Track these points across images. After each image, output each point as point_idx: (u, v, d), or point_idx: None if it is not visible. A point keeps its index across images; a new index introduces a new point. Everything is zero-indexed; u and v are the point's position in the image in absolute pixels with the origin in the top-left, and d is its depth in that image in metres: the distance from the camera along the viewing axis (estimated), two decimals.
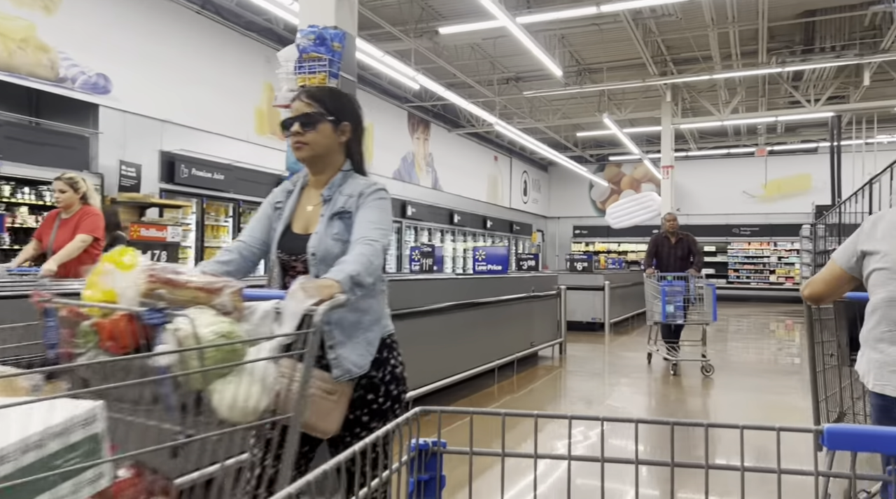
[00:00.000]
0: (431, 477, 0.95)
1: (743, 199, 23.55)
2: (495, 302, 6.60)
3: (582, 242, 25.44)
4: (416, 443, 0.94)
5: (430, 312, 5.34)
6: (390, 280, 5.17)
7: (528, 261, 12.95)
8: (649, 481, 3.86)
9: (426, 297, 5.40)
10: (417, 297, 5.26)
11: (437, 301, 5.50)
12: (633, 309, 13.46)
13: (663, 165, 15.81)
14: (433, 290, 5.57)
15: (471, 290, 6.18)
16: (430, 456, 0.95)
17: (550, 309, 8.40)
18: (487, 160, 20.67)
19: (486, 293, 6.45)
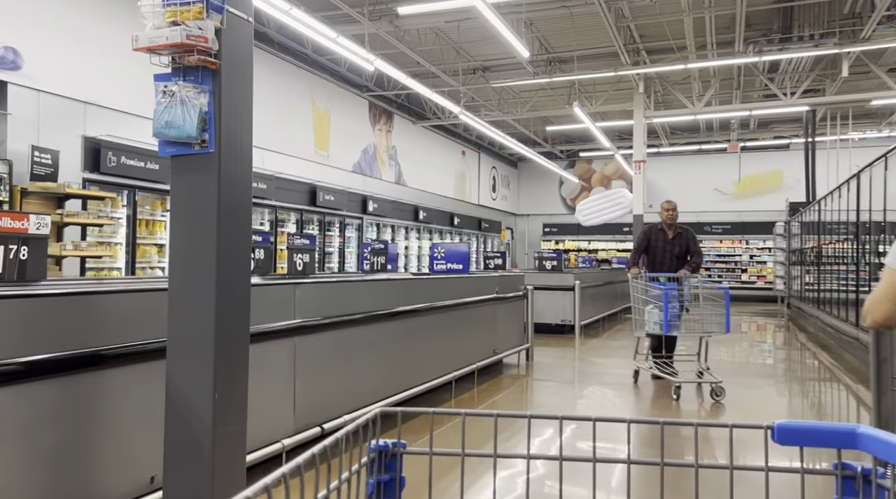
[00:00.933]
0: (392, 478, 0.96)
1: (715, 196, 23.17)
2: (454, 306, 5.83)
3: (552, 240, 24.85)
4: (376, 444, 0.94)
5: (377, 318, 4.55)
6: (329, 281, 4.37)
7: (495, 259, 12.23)
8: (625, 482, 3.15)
9: (374, 300, 4.61)
10: (363, 300, 4.47)
11: (386, 305, 4.72)
12: (603, 310, 12.81)
13: (635, 159, 15.22)
14: (383, 292, 4.78)
15: (427, 292, 5.40)
16: (391, 457, 0.96)
17: (517, 312, 7.67)
18: (455, 155, 19.92)
19: (443, 295, 5.68)
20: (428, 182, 18.01)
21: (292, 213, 12.20)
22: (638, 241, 7.01)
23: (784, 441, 0.83)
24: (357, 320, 4.30)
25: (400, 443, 0.95)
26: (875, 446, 0.80)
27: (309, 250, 5.53)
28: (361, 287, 4.58)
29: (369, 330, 4.48)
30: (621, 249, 23.93)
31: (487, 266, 12.29)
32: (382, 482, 0.95)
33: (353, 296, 4.38)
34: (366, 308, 4.45)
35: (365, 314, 4.41)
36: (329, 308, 4.05)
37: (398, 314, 4.84)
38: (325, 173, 13.21)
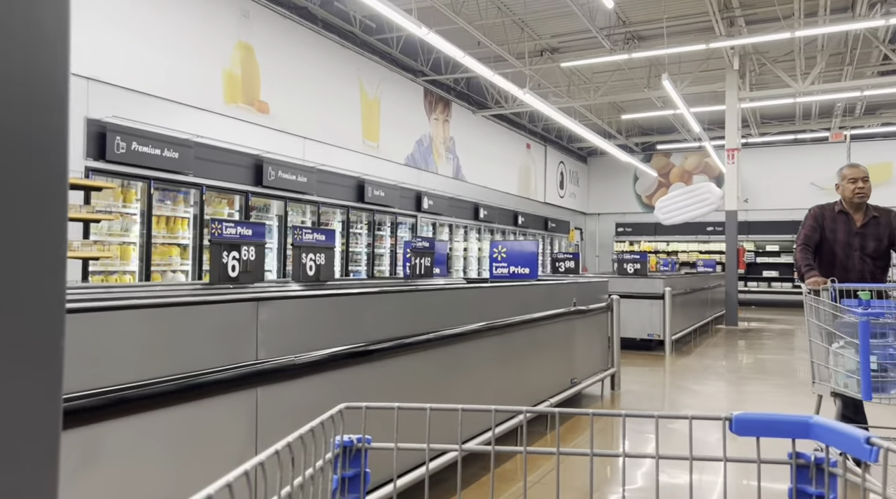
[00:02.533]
0: (356, 474, 0.96)
1: (811, 191, 20.71)
2: (518, 324, 4.31)
3: (625, 240, 22.89)
4: (340, 440, 0.95)
5: (402, 350, 3.09)
6: (336, 293, 2.83)
7: (567, 262, 10.60)
8: None
9: (409, 320, 3.16)
10: (382, 322, 3.01)
11: (420, 328, 3.26)
12: (694, 321, 10.97)
13: (728, 148, 13.28)
14: (416, 309, 3.32)
15: (480, 306, 3.91)
16: (355, 453, 0.96)
17: (599, 328, 6.07)
18: (519, 148, 18.32)
19: (503, 310, 4.17)
20: (489, 177, 16.49)
21: (338, 210, 10.93)
22: (805, 230, 4.31)
23: (741, 432, 0.86)
24: (369, 353, 2.84)
25: (364, 438, 0.96)
26: (827, 435, 0.83)
27: (324, 249, 4.13)
28: (392, 301, 3.12)
29: (388, 367, 3.02)
30: (704, 251, 21.77)
31: (557, 269, 10.68)
32: (347, 478, 0.96)
33: (365, 316, 2.93)
34: (386, 333, 2.99)
35: (384, 343, 2.95)
36: (320, 338, 2.60)
37: (436, 341, 3.36)
38: (374, 166, 11.89)
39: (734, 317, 13.18)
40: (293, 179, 9.65)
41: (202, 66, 8.46)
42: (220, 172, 8.56)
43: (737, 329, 12.77)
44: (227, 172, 8.66)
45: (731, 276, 13.31)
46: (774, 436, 0.86)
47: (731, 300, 13.22)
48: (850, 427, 0.80)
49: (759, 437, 0.87)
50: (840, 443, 0.80)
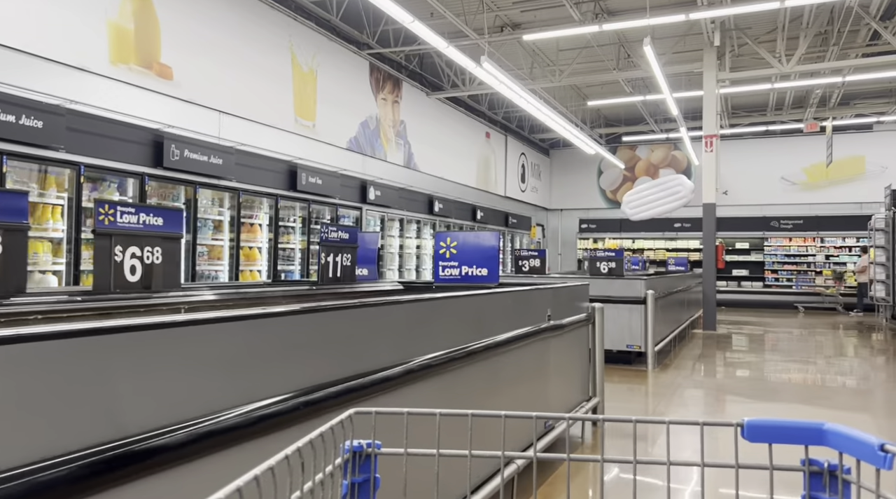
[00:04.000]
0: (366, 479, 0.95)
1: (782, 186, 19.85)
2: (471, 354, 2.82)
3: (589, 237, 21.71)
4: (350, 445, 0.93)
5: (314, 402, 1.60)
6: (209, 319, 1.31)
7: (532, 260, 9.21)
8: None
9: (305, 360, 1.67)
10: (299, 359, 1.52)
11: (333, 370, 1.77)
12: (672, 326, 9.68)
13: (706, 134, 12.07)
14: (326, 332, 1.81)
15: (413, 330, 2.41)
16: (365, 458, 0.95)
17: (578, 346, 4.64)
18: (478, 137, 16.90)
19: (450, 334, 2.68)
20: (446, 168, 15.01)
21: (264, 199, 9.31)
22: None
23: (753, 438, 0.85)
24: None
25: (374, 443, 0.95)
26: (841, 442, 0.82)
27: (158, 240, 2.63)
28: (283, 324, 1.62)
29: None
30: (671, 249, 20.71)
31: (520, 269, 9.27)
32: (357, 483, 0.95)
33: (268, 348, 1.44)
34: (297, 381, 1.48)
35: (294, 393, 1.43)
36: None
37: (326, 400, 1.85)
38: (310, 149, 10.29)
39: (713, 321, 11.99)
40: (205, 159, 8.00)
41: (79, 16, 6.75)
42: (106, 149, 6.87)
43: (716, 334, 11.58)
44: (115, 149, 6.97)
45: (708, 275, 12.11)
46: (787, 442, 0.85)
47: (709, 303, 12.02)
48: (863, 434, 0.78)
49: (771, 443, 0.86)
50: (854, 450, 0.79)
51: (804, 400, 6.14)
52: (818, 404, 5.98)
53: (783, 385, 6.81)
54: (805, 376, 7.39)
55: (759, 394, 6.37)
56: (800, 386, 6.80)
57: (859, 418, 5.50)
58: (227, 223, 8.70)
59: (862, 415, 5.63)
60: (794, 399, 6.15)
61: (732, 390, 6.57)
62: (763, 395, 6.33)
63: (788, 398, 6.18)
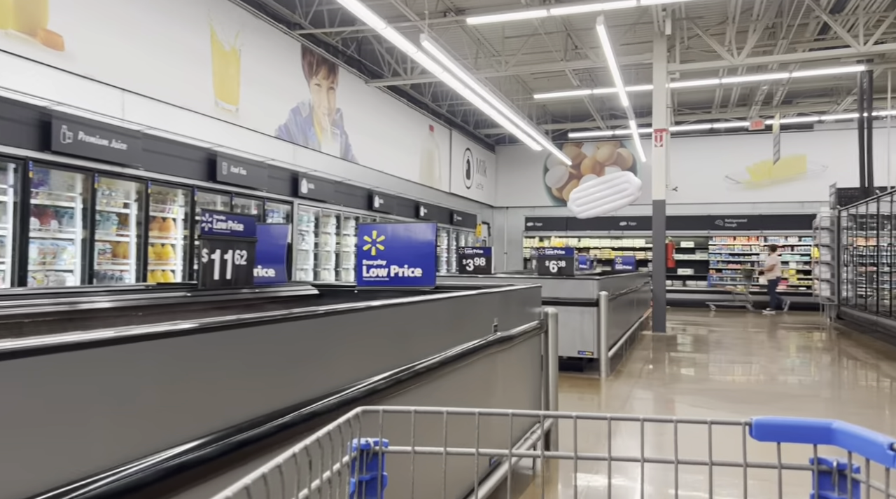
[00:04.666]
0: (373, 477, 0.95)
1: (727, 185, 19.80)
2: (401, 380, 2.07)
3: (535, 236, 21.24)
4: (357, 443, 0.94)
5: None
6: None
7: (477, 259, 8.52)
8: None
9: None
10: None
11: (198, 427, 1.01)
12: (623, 328, 9.14)
13: (656, 128, 11.64)
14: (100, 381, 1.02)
15: (302, 359, 1.64)
16: (372, 456, 0.95)
17: (528, 360, 3.95)
18: (421, 130, 16.15)
19: (366, 357, 1.92)
20: (386, 161, 14.21)
21: (179, 191, 8.32)
22: None
23: (762, 437, 0.85)
24: None
25: (381, 442, 0.95)
26: (849, 441, 0.81)
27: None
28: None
29: None
30: (617, 247, 20.41)
31: (464, 269, 8.57)
32: (364, 481, 0.95)
33: None
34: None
35: None
36: None
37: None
38: (233, 136, 9.34)
39: (662, 322, 11.56)
40: (105, 144, 6.99)
41: None
42: None
43: (665, 336, 11.15)
44: None
45: (658, 275, 11.69)
46: (795, 441, 0.84)
47: (659, 303, 11.59)
48: (872, 433, 0.78)
49: (779, 442, 0.85)
50: (862, 448, 0.79)
51: (767, 403, 5.62)
52: (784, 406, 5.48)
53: (742, 391, 6.30)
54: (762, 378, 6.92)
55: (720, 401, 5.83)
56: (759, 391, 6.31)
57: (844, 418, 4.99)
58: (134, 217, 7.69)
59: (843, 415, 5.13)
60: (758, 403, 5.63)
61: (692, 398, 6.01)
62: (724, 402, 5.78)
63: (750, 404, 5.65)
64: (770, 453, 0.88)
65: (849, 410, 5.77)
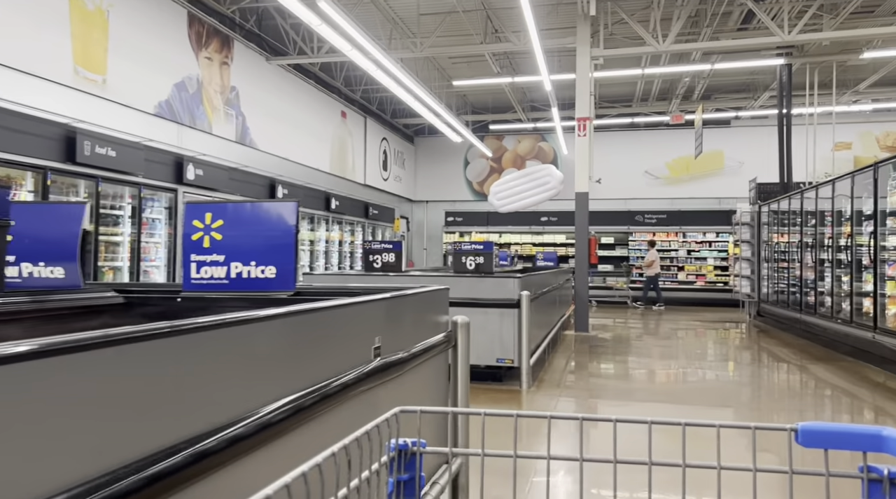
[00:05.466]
0: (411, 477, 0.95)
1: (646, 180, 19.63)
2: (203, 455, 1.11)
3: (455, 231, 20.46)
4: (395, 443, 0.94)
5: None
6: None
7: (385, 254, 7.57)
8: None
9: None
10: None
11: None
12: (545, 329, 8.40)
13: (579, 116, 11.01)
14: None
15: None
16: (410, 456, 0.95)
17: (431, 382, 3.03)
18: (332, 116, 15.01)
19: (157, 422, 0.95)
20: (292, 147, 13.02)
21: (28, 173, 6.95)
22: None
23: (808, 443, 0.84)
24: None
25: (419, 442, 0.95)
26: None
27: None
28: None
29: None
30: (538, 243, 19.90)
31: (371, 266, 7.60)
32: (402, 481, 0.94)
33: None
34: None
35: None
36: None
37: None
38: (99, 111, 8.00)
39: (585, 321, 10.95)
40: None
41: None
42: None
43: (589, 336, 10.54)
44: None
45: (581, 271, 11.07)
46: (844, 448, 0.82)
47: (581, 302, 10.98)
48: None
49: (826, 449, 0.83)
50: None
51: (702, 405, 4.96)
52: (724, 409, 4.81)
53: (678, 393, 5.64)
54: (693, 380, 6.31)
55: (658, 408, 5.12)
56: (690, 393, 5.66)
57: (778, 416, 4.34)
58: None
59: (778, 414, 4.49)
60: (694, 404, 4.96)
61: (624, 408, 5.27)
62: (663, 405, 5.08)
63: (688, 406, 4.97)
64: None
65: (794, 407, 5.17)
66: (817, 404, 5.88)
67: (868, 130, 17.84)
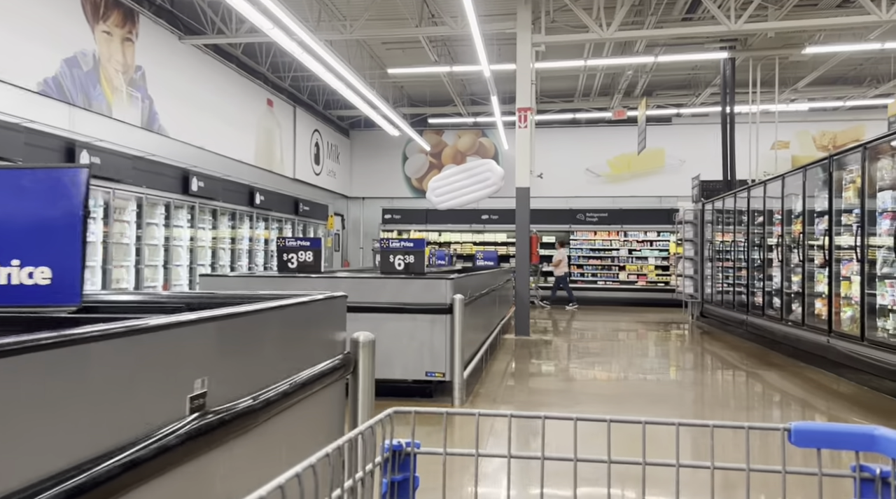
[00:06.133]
0: (405, 478, 0.95)
1: (588, 178, 19.24)
2: None
3: (393, 229, 19.59)
4: (389, 444, 0.94)
5: None
6: None
7: (302, 253, 6.70)
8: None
9: None
10: None
11: None
12: (483, 334, 7.68)
13: (520, 106, 10.36)
14: None
15: None
16: (404, 457, 0.95)
17: (320, 417, 2.23)
18: (257, 104, 13.96)
19: None
20: (211, 137, 11.94)
21: None
22: None
23: (801, 443, 0.84)
24: None
25: (413, 443, 0.96)
26: (893, 447, 0.80)
27: None
28: None
29: None
30: (479, 242, 19.25)
31: (286, 266, 6.71)
32: (396, 482, 0.95)
33: None
34: None
35: None
36: None
37: None
38: None
39: (526, 325, 10.31)
40: None
41: None
42: None
43: (530, 340, 9.91)
44: None
45: (522, 271, 10.43)
46: (836, 448, 0.83)
47: (522, 303, 10.33)
48: None
49: (819, 449, 0.84)
50: None
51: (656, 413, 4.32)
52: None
53: (624, 400, 5.01)
54: (643, 389, 5.70)
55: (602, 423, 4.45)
56: (642, 401, 5.03)
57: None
58: None
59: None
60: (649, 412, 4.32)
61: (569, 424, 4.59)
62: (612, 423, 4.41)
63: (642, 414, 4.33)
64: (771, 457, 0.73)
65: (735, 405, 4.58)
66: (784, 415, 5.34)
67: (805, 129, 17.91)
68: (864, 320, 6.13)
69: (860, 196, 6.30)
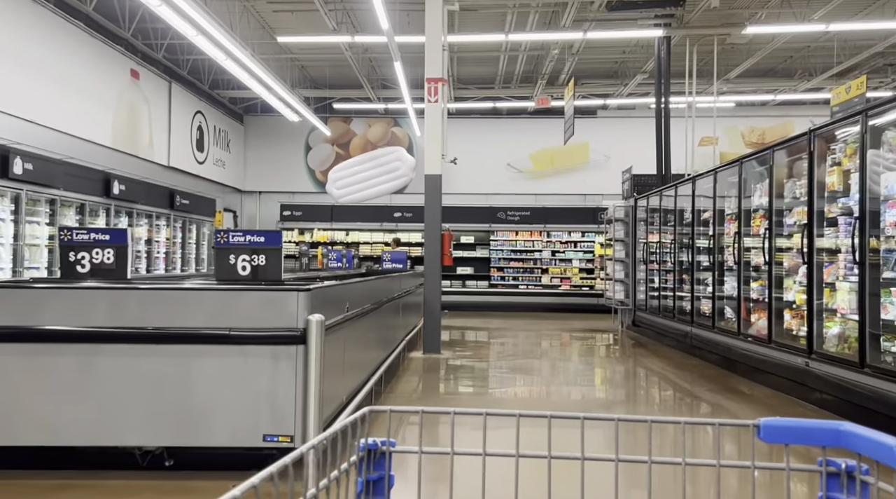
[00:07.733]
0: (381, 477, 0.95)
1: (509, 174, 17.72)
2: None
3: (294, 227, 17.42)
4: (364, 443, 0.94)
5: None
6: None
7: (99, 251, 4.66)
8: None
9: None
10: None
11: None
12: (377, 356, 5.81)
13: (429, 77, 8.57)
14: None
15: None
16: (379, 456, 0.95)
17: None
18: (118, 75, 11.58)
19: None
20: (45, 107, 9.56)
21: None
22: None
23: (770, 439, 0.84)
24: None
25: (389, 442, 0.95)
26: (858, 443, 0.80)
27: None
28: None
29: None
30: (390, 242, 17.36)
31: (74, 269, 4.60)
32: (371, 481, 0.94)
33: None
34: None
35: None
36: None
37: None
38: None
39: (436, 342, 8.53)
40: None
41: None
42: None
43: (440, 360, 8.15)
44: None
45: (432, 276, 8.65)
46: (804, 443, 0.83)
47: (432, 316, 8.53)
48: (882, 435, 0.77)
49: (787, 444, 0.84)
50: (871, 450, 0.78)
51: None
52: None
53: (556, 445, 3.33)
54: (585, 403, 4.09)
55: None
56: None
57: None
58: None
59: None
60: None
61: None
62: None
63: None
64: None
65: None
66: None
67: (734, 125, 17.04)
68: (866, 342, 4.68)
69: (844, 183, 4.86)
